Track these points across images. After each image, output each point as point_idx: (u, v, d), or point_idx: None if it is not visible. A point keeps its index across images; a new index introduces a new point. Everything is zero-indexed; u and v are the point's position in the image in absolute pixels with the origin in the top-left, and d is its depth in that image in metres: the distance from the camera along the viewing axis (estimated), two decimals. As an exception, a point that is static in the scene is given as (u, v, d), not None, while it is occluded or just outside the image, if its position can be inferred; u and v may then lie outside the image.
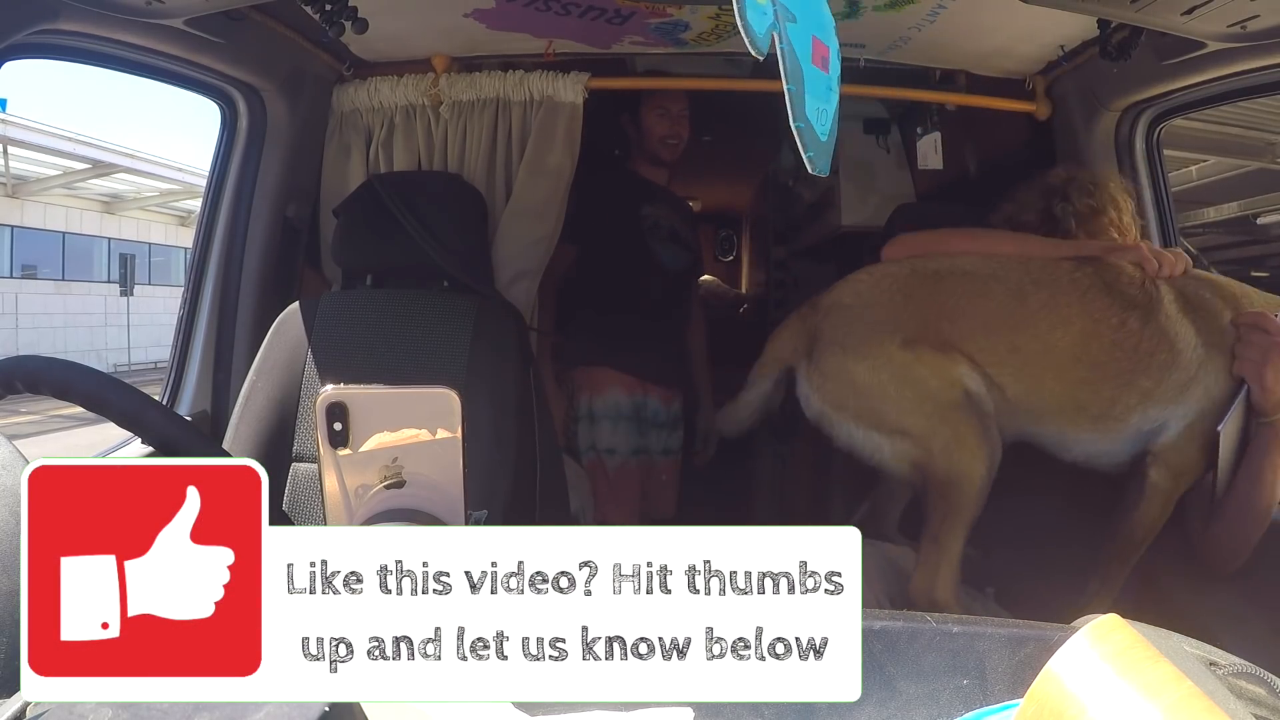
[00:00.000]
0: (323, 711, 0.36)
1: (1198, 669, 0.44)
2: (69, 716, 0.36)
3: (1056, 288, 1.23)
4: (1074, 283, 1.24)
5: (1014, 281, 1.24)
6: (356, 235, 1.60)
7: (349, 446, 0.62)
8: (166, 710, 0.37)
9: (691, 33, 1.68)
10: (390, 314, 1.52)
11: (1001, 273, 1.25)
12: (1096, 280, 1.24)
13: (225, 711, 0.37)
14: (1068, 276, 1.24)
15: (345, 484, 0.63)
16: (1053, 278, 1.24)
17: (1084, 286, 1.23)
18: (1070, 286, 1.23)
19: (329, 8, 1.38)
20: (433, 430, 0.62)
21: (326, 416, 0.61)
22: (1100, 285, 1.23)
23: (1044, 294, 1.23)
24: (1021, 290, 1.24)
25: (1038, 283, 1.24)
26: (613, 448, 2.09)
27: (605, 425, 2.09)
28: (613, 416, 2.09)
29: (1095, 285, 1.23)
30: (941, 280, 1.26)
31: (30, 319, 13.00)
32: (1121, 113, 1.65)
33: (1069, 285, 1.24)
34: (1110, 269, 1.25)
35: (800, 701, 0.49)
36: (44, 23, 1.13)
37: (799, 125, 0.58)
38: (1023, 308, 1.23)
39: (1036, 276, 1.24)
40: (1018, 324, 1.22)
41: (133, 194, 13.48)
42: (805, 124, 0.58)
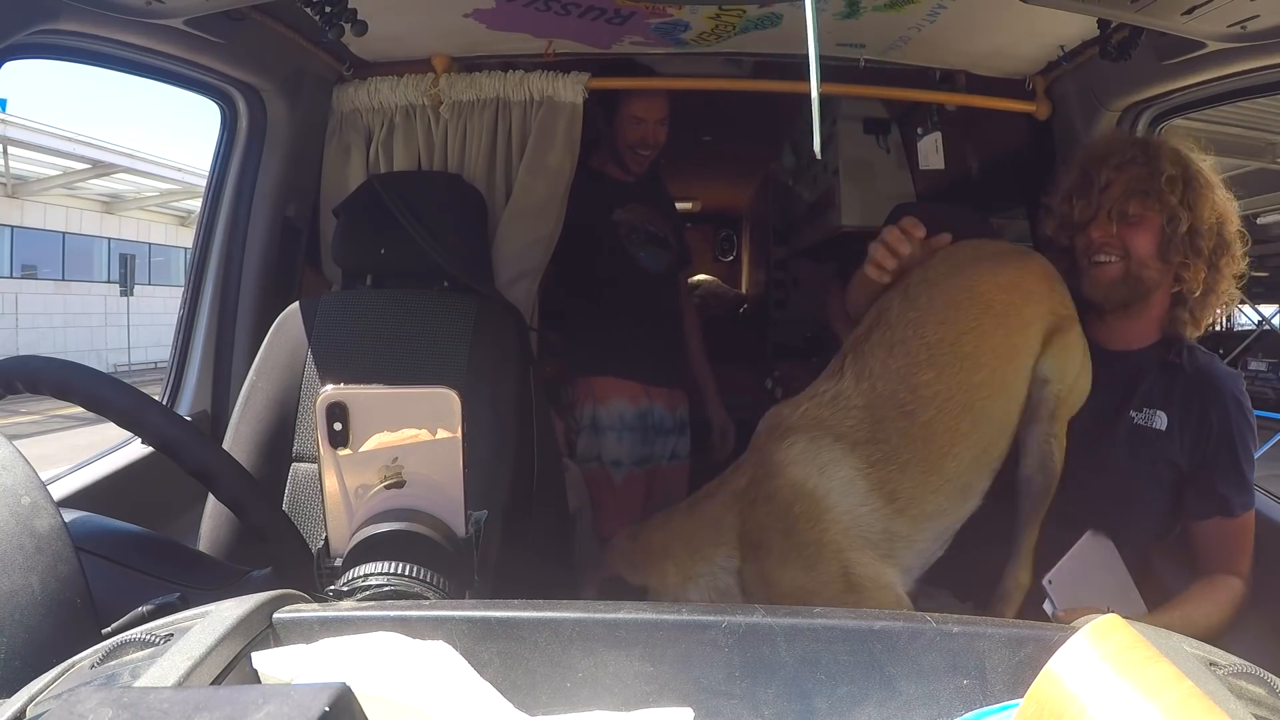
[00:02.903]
0: (323, 711, 0.36)
1: (1198, 669, 0.44)
2: (69, 716, 0.36)
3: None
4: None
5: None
6: (356, 235, 1.60)
7: (349, 446, 0.62)
8: (166, 710, 0.37)
9: (691, 33, 1.67)
10: (390, 314, 1.52)
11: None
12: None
13: (225, 711, 0.37)
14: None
15: (345, 484, 0.63)
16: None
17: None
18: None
19: (328, 10, 1.38)
20: (433, 430, 0.62)
21: (327, 416, 0.61)
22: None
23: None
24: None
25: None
26: (619, 459, 2.06)
27: (610, 437, 2.05)
28: (617, 428, 2.06)
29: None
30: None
31: (30, 319, 13.01)
32: (1121, 113, 1.65)
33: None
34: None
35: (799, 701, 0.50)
36: (44, 23, 1.13)
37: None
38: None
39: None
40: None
41: (133, 194, 13.49)
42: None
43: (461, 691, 0.46)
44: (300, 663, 0.47)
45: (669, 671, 0.50)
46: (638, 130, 2.04)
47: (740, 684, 0.50)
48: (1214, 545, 1.29)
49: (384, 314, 1.53)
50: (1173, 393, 1.31)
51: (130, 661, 0.47)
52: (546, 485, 1.62)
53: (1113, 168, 1.29)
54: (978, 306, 1.25)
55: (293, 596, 0.55)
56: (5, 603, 0.57)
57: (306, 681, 0.45)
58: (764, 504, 1.21)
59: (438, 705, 0.45)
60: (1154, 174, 1.28)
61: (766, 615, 0.51)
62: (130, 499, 1.40)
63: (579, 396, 2.07)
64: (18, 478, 0.62)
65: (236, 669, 0.48)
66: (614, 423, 2.05)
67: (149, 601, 0.63)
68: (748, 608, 0.52)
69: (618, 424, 2.05)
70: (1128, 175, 1.29)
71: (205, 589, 0.71)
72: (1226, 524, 1.28)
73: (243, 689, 0.40)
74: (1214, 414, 1.28)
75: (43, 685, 0.46)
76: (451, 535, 0.64)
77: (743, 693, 0.50)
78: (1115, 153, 1.32)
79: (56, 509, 0.62)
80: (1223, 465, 1.28)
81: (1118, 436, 1.30)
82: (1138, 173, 1.29)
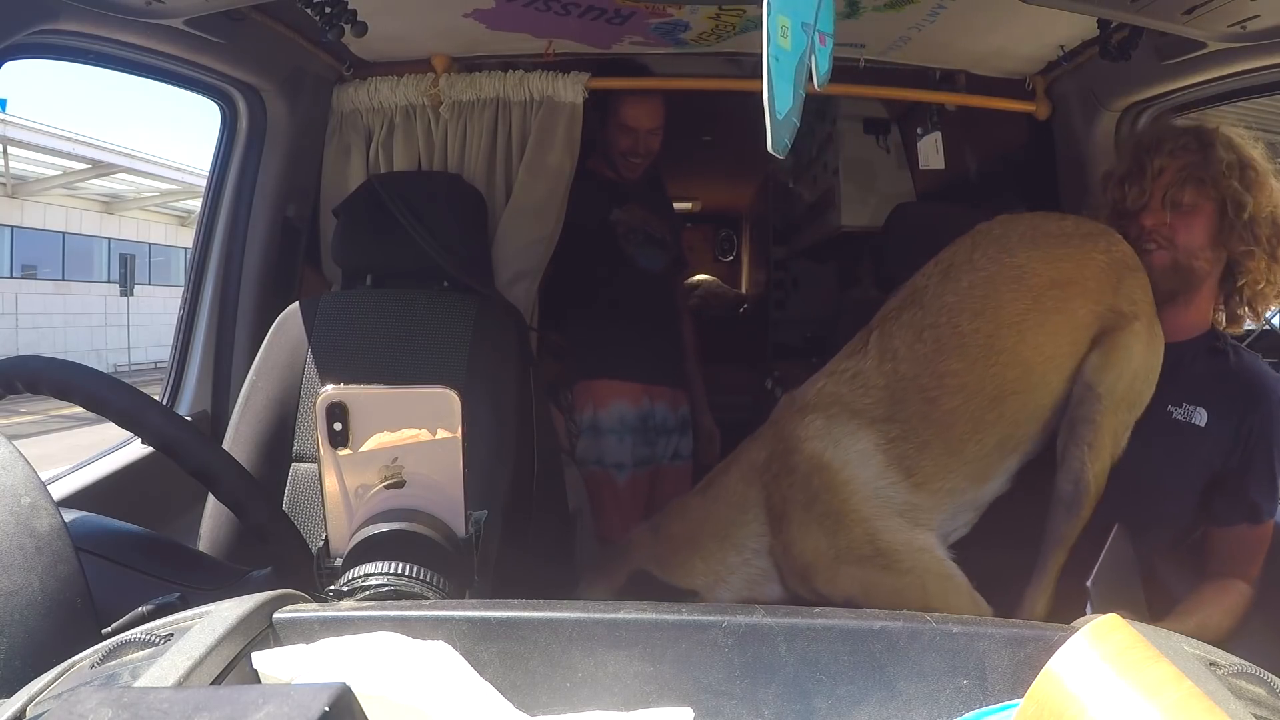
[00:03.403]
0: (323, 711, 0.36)
1: (1198, 669, 0.44)
2: (69, 717, 0.36)
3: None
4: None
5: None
6: (356, 235, 1.60)
7: (349, 446, 0.62)
8: (166, 710, 0.37)
9: (691, 33, 1.67)
10: (390, 314, 1.52)
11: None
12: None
13: (225, 711, 0.37)
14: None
15: (345, 484, 0.63)
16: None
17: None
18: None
19: (328, 10, 1.38)
20: (433, 430, 0.62)
21: (327, 416, 0.61)
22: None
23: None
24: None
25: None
26: (620, 462, 2.04)
27: (611, 440, 2.04)
28: (618, 430, 2.04)
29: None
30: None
31: (30, 319, 13.01)
32: (1121, 113, 1.65)
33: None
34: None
35: (799, 701, 0.50)
36: (44, 23, 1.13)
37: (777, 107, 0.58)
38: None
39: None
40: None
41: (133, 194, 13.49)
42: (768, 99, 0.58)
43: (461, 691, 0.46)
44: (300, 663, 0.47)
45: (669, 671, 0.50)
46: (629, 138, 2.03)
47: (740, 684, 0.50)
48: (1232, 551, 1.26)
49: (384, 314, 1.53)
50: (1216, 390, 1.26)
51: (130, 661, 0.47)
52: (546, 485, 1.62)
53: (1166, 154, 1.25)
54: (1024, 299, 1.18)
55: (293, 596, 0.55)
56: (5, 603, 0.57)
57: (306, 681, 0.45)
58: (785, 477, 1.18)
59: (438, 705, 0.45)
60: (1209, 160, 1.23)
61: (766, 615, 0.51)
62: (130, 499, 1.40)
63: (578, 401, 2.06)
64: (18, 478, 0.62)
65: (236, 669, 0.48)
66: (614, 425, 2.04)
67: (149, 601, 0.63)
68: (748, 608, 0.52)
69: (618, 426, 2.04)
70: (1181, 162, 1.24)
71: (205, 589, 0.71)
72: (1250, 531, 1.24)
73: (243, 689, 0.40)
74: (1256, 418, 1.24)
75: (43, 685, 0.46)
76: (451, 535, 0.64)
77: (743, 693, 0.50)
78: (1169, 139, 1.27)
79: (56, 509, 0.62)
80: (1257, 471, 1.23)
81: (1154, 431, 1.24)
82: (1192, 159, 1.24)
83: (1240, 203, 1.22)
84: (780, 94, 0.59)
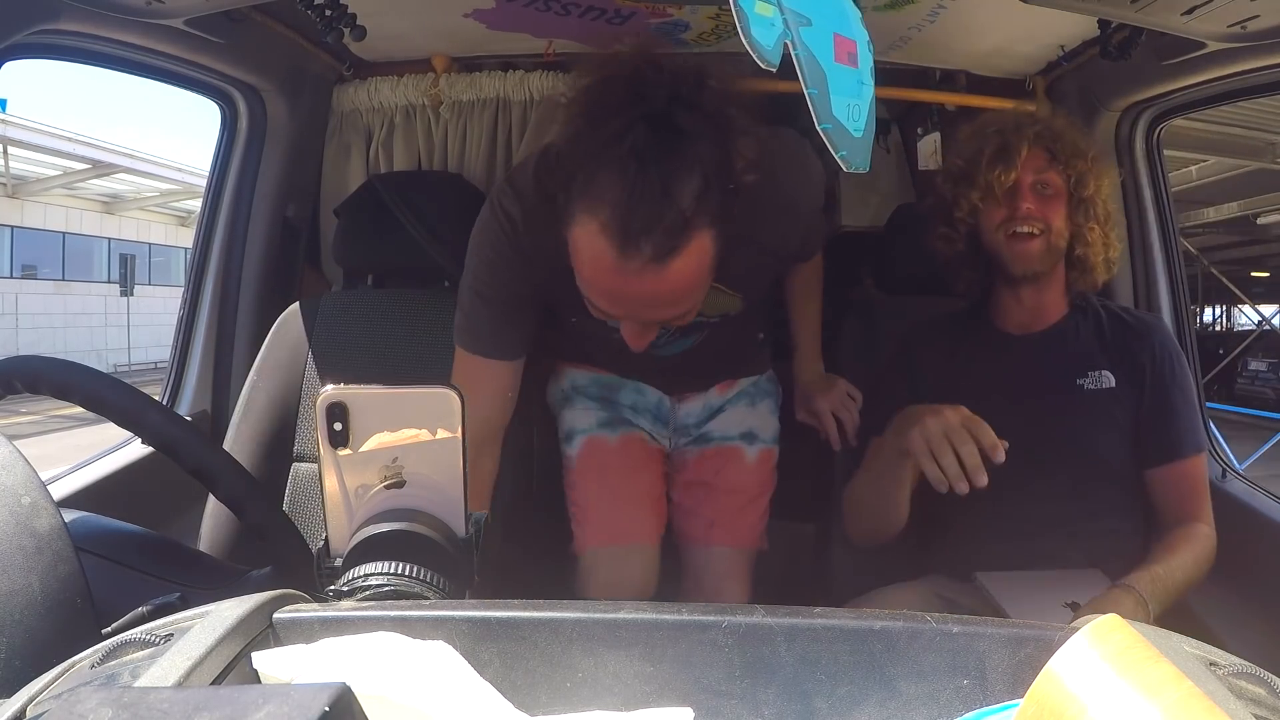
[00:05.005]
0: (323, 711, 0.36)
1: (1198, 669, 0.44)
2: (69, 717, 0.36)
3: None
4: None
5: None
6: (357, 235, 1.60)
7: (349, 446, 0.62)
8: (166, 710, 0.37)
9: (691, 33, 1.67)
10: (390, 314, 1.52)
11: None
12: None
13: (225, 711, 0.36)
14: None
15: (345, 484, 0.63)
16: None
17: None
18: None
19: (328, 13, 1.38)
20: (433, 430, 0.62)
21: (327, 416, 0.61)
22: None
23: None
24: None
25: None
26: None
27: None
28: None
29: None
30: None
31: (30, 319, 13.02)
32: (1121, 113, 1.65)
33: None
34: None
35: (799, 701, 0.50)
36: (44, 23, 1.13)
37: (825, 127, 0.58)
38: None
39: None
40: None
41: (133, 194, 13.50)
42: (833, 124, 0.58)
43: (461, 691, 0.46)
44: (300, 663, 0.47)
45: (669, 671, 0.50)
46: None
47: (740, 684, 0.50)
48: (1179, 492, 1.29)
49: (385, 314, 1.53)
50: (1107, 348, 1.33)
51: (130, 661, 0.47)
52: (547, 485, 1.62)
53: (1028, 137, 1.30)
54: None
55: (293, 596, 0.55)
56: (5, 603, 0.57)
57: (306, 681, 0.45)
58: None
59: (438, 705, 0.45)
60: (1060, 141, 1.30)
61: (766, 615, 0.51)
62: (130, 499, 1.40)
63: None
64: (18, 478, 0.62)
65: (236, 669, 0.48)
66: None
67: (149, 601, 0.63)
68: (748, 608, 0.52)
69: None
70: (1043, 144, 1.31)
71: (205, 589, 0.71)
72: (1185, 466, 1.29)
73: (243, 689, 0.40)
74: (1147, 356, 1.30)
75: (43, 685, 0.45)
76: (451, 535, 0.64)
77: (743, 693, 0.50)
78: (1025, 123, 1.33)
79: (56, 509, 0.62)
80: (1172, 404, 1.29)
81: (1077, 408, 1.30)
82: (1048, 142, 1.31)
83: (1085, 180, 1.30)
84: (853, 111, 0.58)
